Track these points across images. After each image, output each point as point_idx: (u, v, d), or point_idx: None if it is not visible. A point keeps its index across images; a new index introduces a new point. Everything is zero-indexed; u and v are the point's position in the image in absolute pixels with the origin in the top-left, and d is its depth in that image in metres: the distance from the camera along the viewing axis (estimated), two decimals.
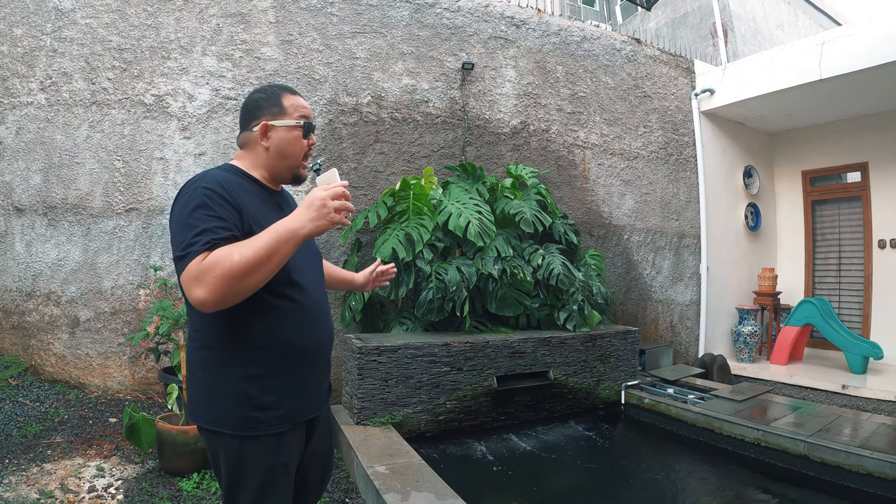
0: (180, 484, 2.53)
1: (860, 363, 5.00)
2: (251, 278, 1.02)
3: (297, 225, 1.05)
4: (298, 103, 1.29)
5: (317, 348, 1.28)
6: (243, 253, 1.01)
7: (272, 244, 1.03)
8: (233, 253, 1.01)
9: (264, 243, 1.02)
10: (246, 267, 1.00)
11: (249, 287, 1.03)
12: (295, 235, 1.05)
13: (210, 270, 1.00)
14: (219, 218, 1.08)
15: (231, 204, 1.12)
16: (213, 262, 1.01)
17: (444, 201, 3.93)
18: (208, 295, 1.00)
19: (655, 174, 5.58)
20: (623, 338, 4.24)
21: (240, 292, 1.03)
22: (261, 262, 1.01)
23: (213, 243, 1.04)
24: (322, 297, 1.34)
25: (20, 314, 3.59)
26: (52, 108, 3.60)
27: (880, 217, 5.78)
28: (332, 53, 4.08)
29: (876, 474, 2.75)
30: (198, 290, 1.00)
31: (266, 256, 1.02)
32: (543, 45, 4.95)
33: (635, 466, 3.36)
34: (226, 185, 1.15)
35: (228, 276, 0.99)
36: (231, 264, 1.00)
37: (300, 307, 1.23)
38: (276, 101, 1.27)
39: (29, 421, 3.05)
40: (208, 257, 1.02)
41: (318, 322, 1.28)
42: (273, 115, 1.26)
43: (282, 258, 1.05)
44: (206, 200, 1.10)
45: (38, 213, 3.57)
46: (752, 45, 7.85)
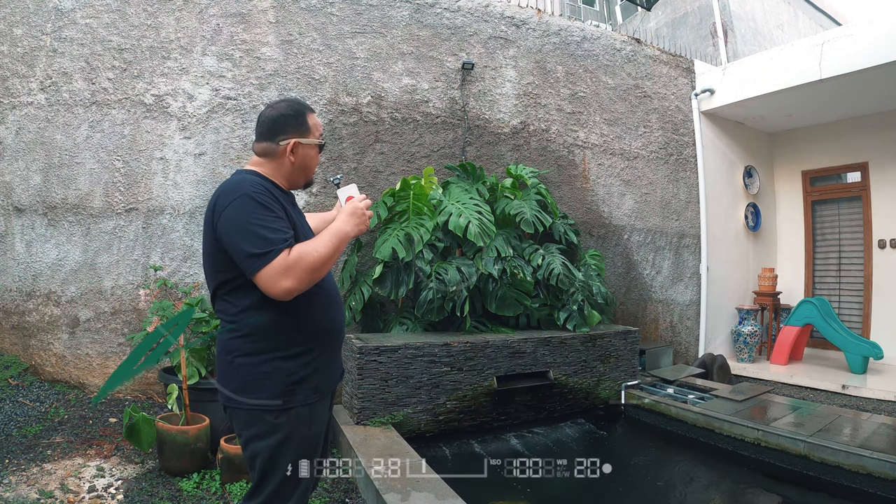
0: (180, 484, 2.53)
1: (860, 363, 5.00)
2: (324, 270, 1.30)
3: (349, 228, 1.37)
4: (318, 122, 1.50)
5: (338, 327, 1.50)
6: (319, 249, 1.27)
7: (336, 243, 1.32)
8: (312, 250, 1.26)
9: (332, 242, 1.31)
10: (323, 261, 1.27)
11: (321, 277, 1.31)
12: (348, 236, 1.36)
13: (297, 264, 1.23)
14: (281, 219, 1.30)
15: (279, 208, 1.33)
16: (299, 256, 1.24)
17: (444, 201, 3.93)
18: (296, 284, 1.23)
19: (655, 174, 5.58)
20: (623, 338, 4.24)
21: (314, 281, 1.28)
22: (331, 257, 1.30)
23: (290, 241, 1.27)
24: (335, 284, 1.56)
25: (20, 314, 3.59)
26: (52, 108, 3.59)
27: (880, 217, 5.78)
28: (332, 53, 4.08)
29: (876, 474, 2.75)
30: (286, 281, 1.22)
31: (335, 252, 1.30)
32: (543, 45, 4.95)
33: (635, 466, 3.36)
34: (265, 191, 1.33)
35: (312, 268, 1.25)
36: (313, 259, 1.25)
37: (324, 293, 1.43)
38: (303, 120, 1.45)
39: (29, 421, 3.05)
40: (293, 253, 1.24)
41: (336, 305, 1.50)
42: (301, 133, 1.44)
43: (338, 255, 1.33)
44: (264, 203, 1.29)
45: (38, 213, 3.57)
46: (752, 45, 7.85)
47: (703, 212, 5.74)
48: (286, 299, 1.25)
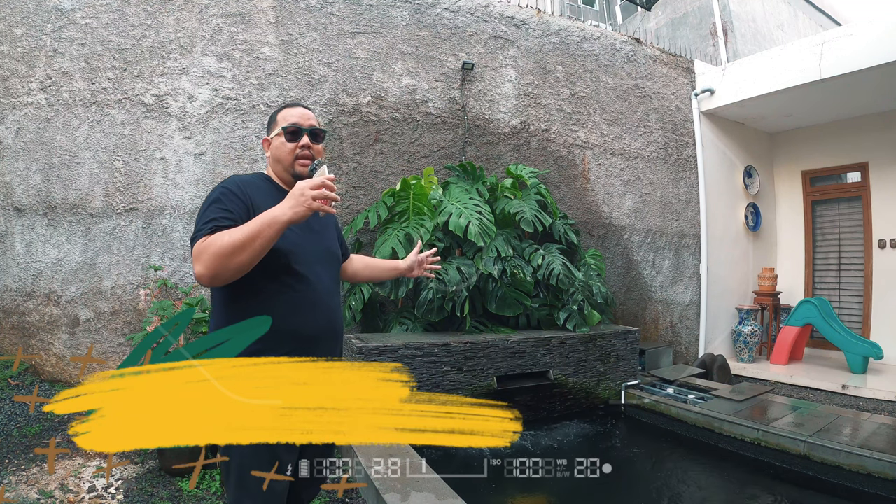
0: (180, 484, 2.53)
1: (860, 363, 4.99)
2: (237, 257, 1.18)
3: (280, 211, 1.19)
4: (289, 114, 1.47)
5: (308, 335, 1.38)
6: (233, 235, 1.19)
7: (255, 228, 1.18)
8: (224, 235, 1.19)
9: (249, 227, 1.19)
10: (233, 246, 1.17)
11: (237, 265, 1.19)
12: (276, 220, 1.18)
13: (206, 250, 1.19)
14: (226, 210, 1.27)
15: (241, 199, 1.31)
16: (209, 242, 1.19)
17: (444, 201, 3.93)
18: (202, 270, 1.18)
19: (655, 174, 5.57)
20: (623, 338, 4.24)
21: (228, 269, 1.19)
22: (245, 243, 1.17)
23: (214, 229, 1.23)
24: (325, 291, 1.44)
25: (20, 314, 3.58)
26: (52, 108, 3.59)
27: (880, 217, 5.78)
28: (332, 53, 4.08)
29: (876, 474, 2.75)
30: (196, 265, 1.19)
31: (250, 238, 1.17)
32: (543, 45, 4.95)
33: (636, 466, 3.35)
34: (241, 185, 1.35)
35: (219, 253, 1.17)
36: (222, 244, 1.17)
37: (298, 294, 1.36)
38: (273, 117, 1.50)
39: (29, 421, 3.05)
40: (208, 239, 1.20)
41: (316, 311, 1.40)
42: (270, 130, 1.50)
43: (265, 241, 1.19)
44: (220, 196, 1.30)
45: (38, 213, 3.57)
46: (752, 45, 7.84)
47: (703, 212, 5.74)
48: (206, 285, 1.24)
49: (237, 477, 1.31)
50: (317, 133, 1.47)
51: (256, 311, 1.28)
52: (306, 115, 1.48)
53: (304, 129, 1.44)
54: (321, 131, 1.49)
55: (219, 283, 1.22)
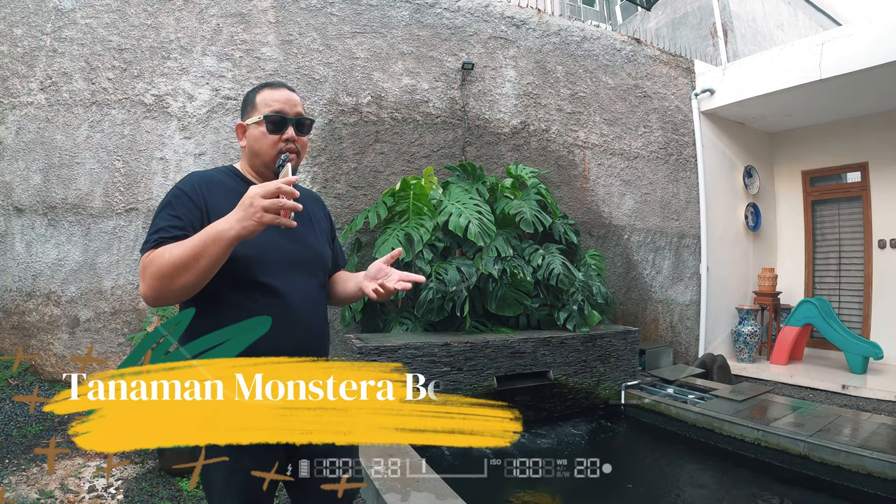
0: (180, 484, 2.53)
1: (860, 363, 4.99)
2: (181, 278, 1.03)
3: (226, 226, 1.01)
4: (271, 97, 1.22)
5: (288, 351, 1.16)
6: (173, 253, 1.03)
7: (199, 246, 1.02)
8: (165, 253, 1.04)
9: (192, 244, 1.03)
10: (174, 267, 1.02)
11: (182, 286, 1.04)
12: (221, 237, 1.01)
13: (147, 267, 1.05)
14: (176, 217, 1.11)
15: (195, 203, 1.14)
16: (151, 259, 1.05)
17: (444, 201, 3.93)
18: (145, 290, 1.06)
19: (655, 174, 5.57)
20: (623, 338, 4.24)
21: (171, 290, 1.05)
22: (188, 262, 1.02)
23: (159, 241, 1.08)
24: (302, 302, 1.24)
25: (20, 314, 3.58)
26: (52, 108, 3.59)
27: (880, 217, 5.77)
28: (332, 53, 4.08)
29: (876, 474, 2.75)
30: (141, 284, 1.07)
31: (193, 257, 1.01)
32: (543, 45, 4.95)
33: (636, 466, 3.35)
34: (198, 185, 1.17)
35: (159, 274, 1.03)
36: (162, 263, 1.03)
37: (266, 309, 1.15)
38: (251, 98, 1.25)
39: (29, 421, 3.05)
40: (151, 255, 1.06)
41: (291, 327, 1.20)
42: (247, 114, 1.25)
43: (211, 260, 1.02)
44: (171, 200, 1.14)
45: (38, 213, 3.57)
46: (752, 45, 7.84)
47: (703, 212, 5.73)
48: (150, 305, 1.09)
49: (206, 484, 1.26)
50: (304, 123, 1.24)
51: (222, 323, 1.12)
52: (292, 101, 1.23)
53: (289, 119, 1.21)
54: (308, 120, 1.26)
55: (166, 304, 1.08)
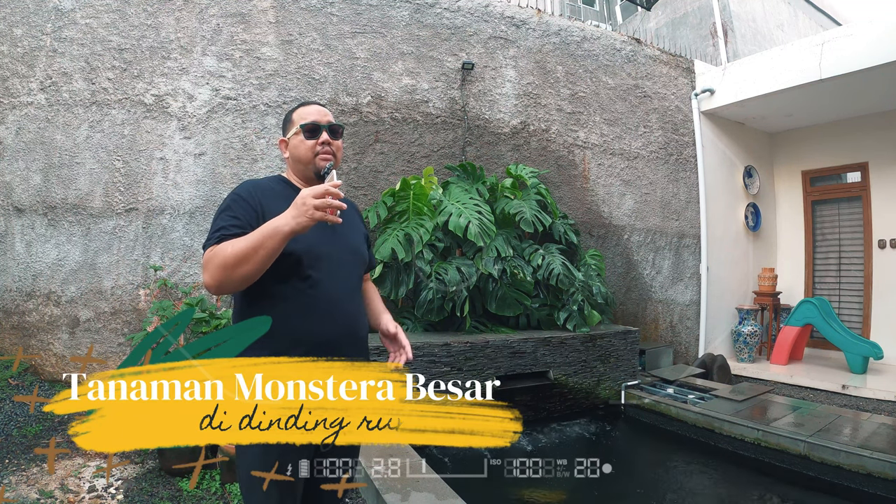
0: (180, 484, 2.53)
1: (860, 363, 4.99)
2: (241, 268, 1.18)
3: (281, 222, 1.17)
4: (305, 112, 1.44)
5: (329, 339, 1.33)
6: (235, 246, 1.18)
7: (257, 239, 1.17)
8: (228, 247, 1.19)
9: (252, 238, 1.18)
10: (235, 258, 1.17)
11: (242, 276, 1.19)
12: (278, 231, 1.16)
13: (211, 260, 1.20)
14: (235, 217, 1.27)
15: (251, 206, 1.30)
16: (214, 253, 1.20)
17: (444, 201, 3.93)
18: (208, 280, 1.21)
19: (655, 174, 5.57)
20: (623, 338, 4.24)
21: (233, 279, 1.19)
22: (247, 254, 1.17)
23: (221, 238, 1.23)
24: (344, 294, 1.39)
25: (20, 314, 3.58)
26: (52, 108, 3.59)
27: (880, 217, 5.78)
28: (332, 53, 4.08)
29: (876, 474, 2.76)
30: (204, 275, 1.22)
31: (252, 250, 1.16)
32: (543, 45, 4.95)
33: (636, 466, 3.36)
34: (253, 191, 1.34)
35: (222, 265, 1.18)
36: (225, 255, 1.18)
37: (311, 298, 1.31)
38: (289, 117, 1.47)
39: (29, 421, 3.05)
40: (214, 249, 1.21)
41: (333, 315, 1.35)
42: (287, 130, 1.47)
43: (268, 252, 1.17)
44: (230, 203, 1.31)
45: (38, 213, 3.57)
46: (752, 45, 7.84)
47: (703, 212, 5.73)
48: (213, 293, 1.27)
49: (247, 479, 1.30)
50: (336, 129, 1.44)
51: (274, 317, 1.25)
52: (323, 112, 1.45)
53: (322, 126, 1.41)
54: (339, 127, 1.46)
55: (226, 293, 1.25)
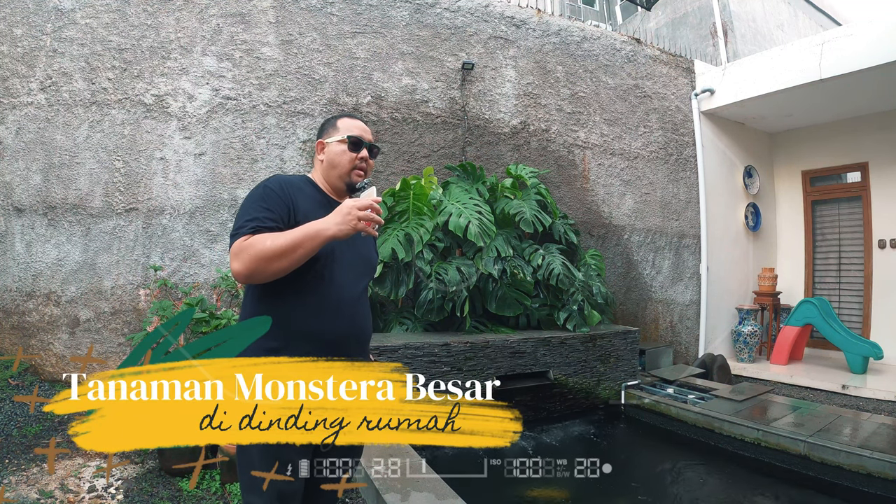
0: (180, 484, 2.53)
1: (860, 363, 4.99)
2: (277, 263, 1.22)
3: (325, 226, 1.24)
4: (352, 124, 1.48)
5: (335, 338, 1.37)
6: (275, 240, 1.22)
7: (298, 238, 1.22)
8: (267, 239, 1.22)
9: (293, 236, 1.22)
10: (274, 252, 1.21)
11: (275, 270, 1.23)
12: (320, 234, 1.23)
13: (246, 249, 1.22)
14: (268, 210, 1.30)
15: (283, 201, 1.33)
16: (251, 243, 1.23)
17: (444, 201, 3.93)
18: (240, 268, 1.23)
19: (655, 174, 5.57)
20: (623, 338, 4.24)
21: (266, 272, 1.23)
22: (286, 251, 1.21)
23: (257, 229, 1.26)
24: (352, 296, 1.43)
25: (20, 314, 3.58)
26: (52, 108, 3.59)
27: (880, 217, 5.77)
28: (332, 53, 4.08)
29: (876, 474, 2.75)
30: (234, 262, 1.24)
31: (292, 247, 1.21)
32: (543, 45, 4.95)
33: (636, 466, 3.35)
34: (285, 186, 1.36)
35: (259, 256, 1.21)
36: (263, 247, 1.21)
37: (322, 298, 1.35)
38: (333, 122, 1.50)
39: (29, 421, 3.04)
40: (249, 239, 1.24)
41: (340, 315, 1.39)
42: (328, 134, 1.49)
43: (306, 251, 1.23)
44: (263, 194, 1.33)
45: (38, 213, 3.57)
46: (752, 45, 7.84)
47: (703, 212, 5.73)
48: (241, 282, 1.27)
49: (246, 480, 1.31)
50: (374, 150, 1.51)
51: (281, 312, 1.30)
52: (368, 130, 1.52)
53: (365, 143, 1.47)
54: (377, 148, 1.53)
55: (254, 283, 1.27)
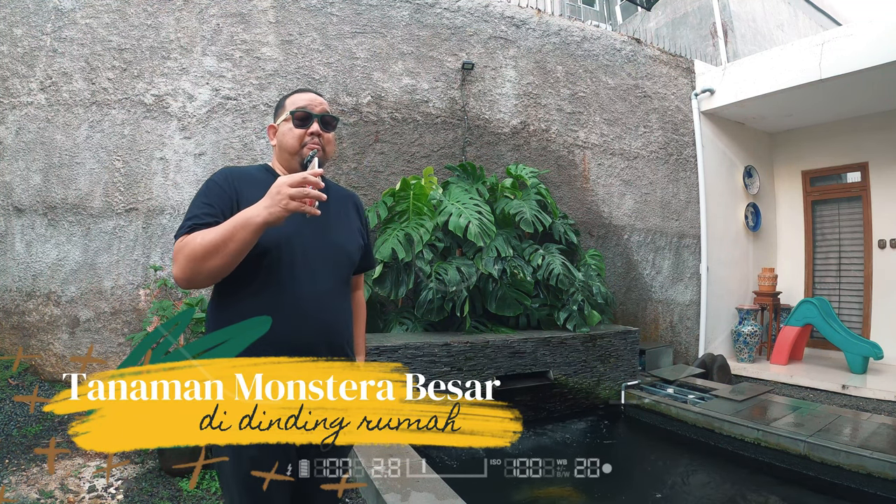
0: (180, 484, 2.53)
1: (860, 363, 4.99)
2: (210, 261, 1.10)
3: (255, 212, 1.09)
4: (298, 98, 1.33)
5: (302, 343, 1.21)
6: (205, 237, 1.11)
7: (229, 230, 1.09)
8: (197, 237, 1.11)
9: (223, 229, 1.10)
10: (205, 250, 1.09)
11: (211, 270, 1.11)
12: (250, 222, 1.08)
13: (181, 251, 1.12)
14: (209, 205, 1.20)
15: (226, 193, 1.22)
16: (185, 244, 1.13)
17: (444, 201, 3.93)
18: (177, 272, 1.13)
19: (655, 174, 5.57)
20: (623, 338, 4.24)
21: (202, 272, 1.12)
22: (217, 246, 1.09)
23: (193, 227, 1.15)
24: (321, 294, 1.28)
25: (20, 314, 3.58)
26: (52, 108, 3.59)
27: (880, 217, 5.77)
28: (332, 53, 4.08)
29: (876, 474, 2.75)
30: (173, 266, 1.15)
31: (222, 241, 1.09)
32: (543, 45, 4.95)
33: (635, 466, 3.35)
34: (230, 176, 1.26)
35: (191, 256, 1.10)
36: (194, 246, 1.10)
37: (282, 298, 1.22)
38: (281, 102, 1.37)
39: (29, 421, 3.04)
40: (185, 239, 1.13)
41: (306, 318, 1.24)
42: (278, 115, 1.36)
43: (239, 244, 1.09)
44: (206, 189, 1.23)
45: (38, 213, 3.57)
46: (752, 45, 7.84)
47: (703, 212, 5.73)
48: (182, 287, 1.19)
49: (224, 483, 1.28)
50: (328, 120, 1.33)
51: (240, 316, 1.17)
52: (317, 100, 1.33)
53: (314, 115, 1.30)
54: (333, 118, 1.34)
55: (196, 287, 1.16)
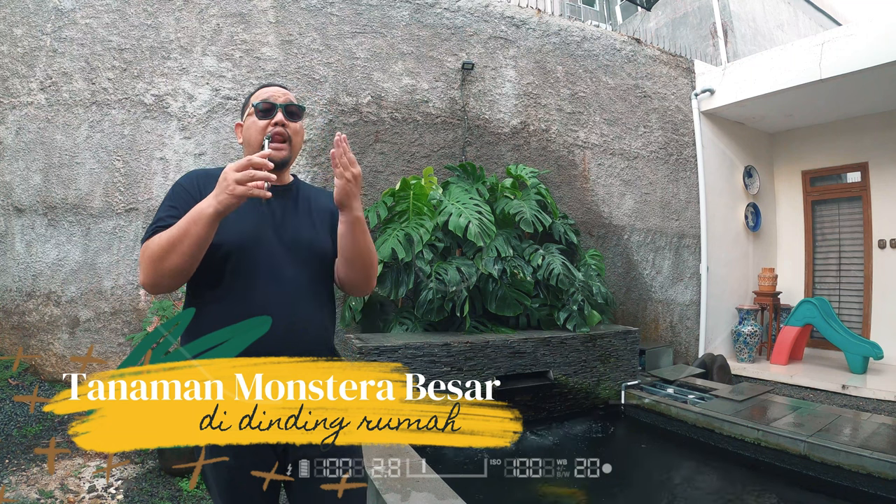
0: (180, 484, 2.53)
1: (860, 363, 4.99)
2: (168, 260, 1.08)
3: (205, 204, 1.06)
4: (262, 93, 1.29)
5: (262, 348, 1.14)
6: (162, 237, 1.09)
7: (182, 226, 1.07)
8: (156, 239, 1.10)
9: (177, 227, 1.08)
10: (162, 249, 1.08)
11: (170, 270, 1.09)
12: (202, 214, 1.05)
13: (143, 254, 1.12)
14: (173, 207, 1.17)
15: (190, 194, 1.18)
16: (146, 246, 1.12)
17: (444, 201, 3.93)
18: (141, 277, 1.13)
19: (655, 174, 5.57)
20: (623, 338, 4.24)
21: (164, 273, 1.10)
22: (173, 244, 1.06)
23: (156, 230, 1.13)
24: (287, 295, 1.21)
25: (20, 314, 3.58)
26: (52, 108, 3.59)
27: (880, 217, 5.77)
28: (332, 53, 4.08)
29: (876, 474, 2.75)
30: (139, 272, 1.16)
31: (178, 238, 1.06)
32: (543, 45, 4.94)
33: (636, 466, 3.35)
34: (195, 178, 1.23)
35: (151, 258, 1.09)
36: (153, 248, 1.09)
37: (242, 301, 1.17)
38: (247, 100, 1.33)
39: (29, 421, 3.04)
40: (147, 243, 1.12)
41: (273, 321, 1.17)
42: (243, 113, 1.33)
43: (194, 239, 1.06)
44: (171, 192, 1.22)
45: (38, 213, 3.57)
46: (752, 45, 7.84)
47: (703, 212, 5.73)
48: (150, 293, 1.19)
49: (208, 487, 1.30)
50: (293, 110, 1.28)
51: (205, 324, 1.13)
52: (280, 91, 1.29)
53: (277, 105, 1.25)
54: (299, 108, 1.30)
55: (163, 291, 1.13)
